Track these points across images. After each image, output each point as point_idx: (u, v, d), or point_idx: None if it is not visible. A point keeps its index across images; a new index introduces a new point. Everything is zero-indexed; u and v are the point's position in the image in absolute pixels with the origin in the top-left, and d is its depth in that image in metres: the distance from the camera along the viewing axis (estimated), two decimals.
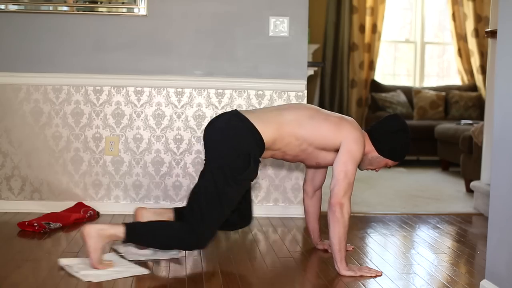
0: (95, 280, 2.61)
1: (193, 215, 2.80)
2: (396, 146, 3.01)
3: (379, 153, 3.01)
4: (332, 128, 2.89)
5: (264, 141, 2.83)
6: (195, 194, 2.84)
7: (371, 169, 3.10)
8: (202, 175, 2.86)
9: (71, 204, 3.90)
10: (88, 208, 3.84)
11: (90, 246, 2.71)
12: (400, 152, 3.04)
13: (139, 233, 2.81)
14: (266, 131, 2.83)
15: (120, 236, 2.75)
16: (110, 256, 2.90)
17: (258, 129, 2.82)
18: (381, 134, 3.02)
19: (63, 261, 2.83)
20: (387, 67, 8.19)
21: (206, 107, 3.98)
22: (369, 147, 3.00)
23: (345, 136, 2.87)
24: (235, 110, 2.92)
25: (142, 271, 2.76)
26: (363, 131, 3.01)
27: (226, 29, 3.97)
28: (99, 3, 3.93)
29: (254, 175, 2.88)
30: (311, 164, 3.06)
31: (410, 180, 5.95)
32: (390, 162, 3.06)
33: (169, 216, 3.06)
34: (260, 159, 2.89)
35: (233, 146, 2.80)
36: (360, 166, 3.03)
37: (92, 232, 2.71)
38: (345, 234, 2.81)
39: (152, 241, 2.84)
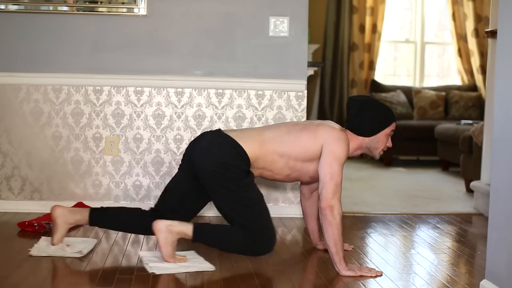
0: (158, 272, 2.73)
1: (247, 227, 2.85)
2: (374, 118, 2.98)
3: (369, 136, 2.99)
4: (310, 136, 2.90)
5: (248, 156, 2.86)
6: (229, 215, 2.89)
7: (383, 150, 3.05)
8: (214, 195, 2.90)
9: (71, 204, 3.89)
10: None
11: (161, 241, 2.81)
12: (382, 117, 2.99)
13: (206, 234, 2.88)
14: (248, 148, 2.87)
15: (189, 235, 2.83)
16: (184, 252, 3.00)
17: (240, 144, 2.86)
18: (355, 122, 2.99)
19: (141, 253, 3.00)
20: (387, 67, 8.19)
21: (206, 107, 3.98)
22: (356, 139, 2.99)
23: (324, 139, 2.87)
24: (218, 129, 2.98)
25: (209, 267, 2.84)
26: (344, 128, 3.00)
27: (226, 29, 3.97)
28: (99, 3, 3.93)
29: (252, 178, 2.91)
30: (306, 180, 3.07)
31: (410, 180, 5.95)
32: (386, 130, 3.00)
33: (84, 216, 3.02)
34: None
35: (220, 162, 2.83)
36: (373, 156, 3.04)
37: (163, 227, 2.80)
38: (340, 235, 2.80)
39: (218, 244, 2.92)
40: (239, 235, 2.86)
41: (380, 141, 3.01)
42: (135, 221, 3.05)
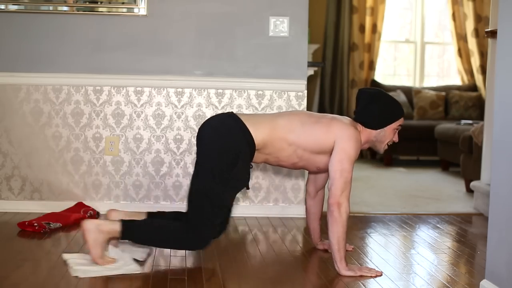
0: (82, 275, 2.64)
1: (189, 216, 2.84)
2: (382, 111, 2.96)
3: (376, 129, 2.97)
4: (323, 130, 2.88)
5: (255, 142, 2.84)
6: (189, 195, 2.87)
7: (389, 144, 3.04)
8: (195, 174, 2.88)
9: (71, 204, 3.90)
10: (88, 208, 3.84)
11: (90, 241, 2.74)
12: (390, 110, 2.98)
13: (136, 230, 2.82)
14: (258, 133, 2.85)
15: (118, 232, 2.77)
16: (115, 253, 2.89)
17: (250, 130, 2.84)
18: (363, 114, 2.98)
19: (65, 256, 2.88)
20: (387, 67, 8.19)
21: (206, 107, 3.98)
22: (366, 131, 2.98)
23: (337, 135, 2.86)
24: (231, 112, 2.96)
25: (136, 269, 2.76)
26: (355, 122, 2.99)
27: (226, 29, 3.97)
28: (99, 3, 3.93)
29: (244, 176, 2.87)
30: (312, 170, 3.06)
31: (410, 180, 5.95)
32: (394, 125, 2.98)
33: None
34: (253, 164, 2.92)
35: (223, 143, 2.83)
36: (377, 150, 3.03)
37: (92, 227, 2.74)
38: (344, 233, 2.80)
39: (149, 239, 2.86)
40: (174, 226, 2.84)
41: (387, 135, 2.99)
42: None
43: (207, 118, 2.99)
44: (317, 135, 2.88)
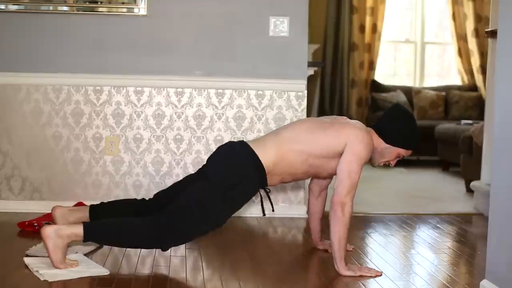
0: (50, 279, 2.59)
1: (167, 214, 2.76)
2: (403, 132, 2.98)
3: (387, 143, 2.97)
4: (334, 134, 2.88)
5: (264, 165, 2.83)
6: (178, 198, 2.82)
7: (385, 163, 3.05)
8: (194, 179, 2.89)
9: (71, 204, 3.88)
10: None
11: (50, 247, 2.67)
12: (409, 137, 2.99)
13: (99, 230, 2.75)
14: (265, 155, 2.84)
15: (80, 235, 2.69)
16: (76, 256, 2.86)
17: (257, 154, 2.83)
18: (385, 124, 3.00)
19: (26, 260, 2.83)
20: (387, 67, 8.18)
21: (206, 107, 3.98)
22: (377, 140, 2.98)
23: (349, 138, 2.86)
24: (241, 140, 2.98)
25: (102, 271, 2.73)
26: (369, 128, 3.00)
27: (226, 29, 3.97)
28: (99, 3, 3.93)
29: (241, 200, 2.85)
30: (325, 176, 3.04)
31: (410, 180, 5.95)
32: (402, 151, 3.00)
33: (84, 214, 3.01)
34: (269, 188, 2.92)
35: (231, 168, 2.82)
36: (372, 161, 3.02)
37: (51, 232, 2.67)
38: (346, 233, 2.80)
39: (114, 239, 2.79)
40: (139, 222, 2.76)
41: (391, 154, 3.00)
42: (129, 207, 3.02)
43: (218, 146, 3.01)
44: (327, 140, 2.87)
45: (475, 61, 7.78)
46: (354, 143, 2.84)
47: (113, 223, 2.80)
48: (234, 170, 2.82)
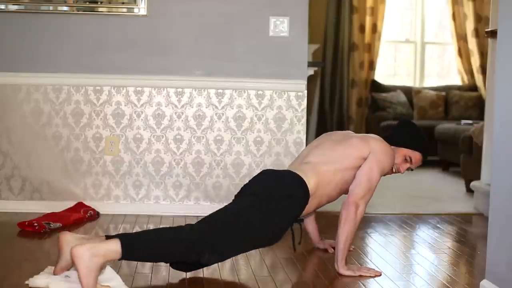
0: None
1: (208, 229, 2.56)
2: (408, 133, 3.04)
3: (391, 144, 3.00)
4: (359, 143, 2.90)
5: (309, 188, 2.77)
6: (222, 210, 2.67)
7: (396, 172, 3.07)
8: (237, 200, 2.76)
9: (71, 204, 3.89)
10: (88, 208, 3.84)
11: (82, 270, 2.27)
12: (415, 137, 3.04)
13: (139, 246, 2.42)
14: (307, 178, 2.78)
15: (117, 251, 2.35)
16: (108, 275, 2.50)
17: (304, 180, 2.77)
18: (394, 132, 3.08)
19: (38, 282, 2.46)
20: (387, 67, 8.18)
21: (206, 107, 3.98)
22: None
23: (373, 148, 2.89)
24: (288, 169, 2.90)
25: None
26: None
27: (226, 29, 3.97)
28: (99, 3, 3.93)
29: (288, 216, 2.73)
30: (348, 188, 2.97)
31: (410, 180, 5.94)
32: (407, 152, 3.02)
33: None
34: (303, 217, 2.90)
35: (281, 190, 2.74)
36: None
37: (83, 252, 2.28)
38: (353, 234, 2.81)
39: (157, 253, 2.49)
40: (185, 233, 2.51)
41: (397, 157, 3.01)
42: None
43: (266, 169, 2.96)
44: (352, 151, 2.89)
45: (475, 61, 7.78)
46: (378, 153, 2.88)
47: (151, 230, 2.60)
48: (284, 186, 2.75)
